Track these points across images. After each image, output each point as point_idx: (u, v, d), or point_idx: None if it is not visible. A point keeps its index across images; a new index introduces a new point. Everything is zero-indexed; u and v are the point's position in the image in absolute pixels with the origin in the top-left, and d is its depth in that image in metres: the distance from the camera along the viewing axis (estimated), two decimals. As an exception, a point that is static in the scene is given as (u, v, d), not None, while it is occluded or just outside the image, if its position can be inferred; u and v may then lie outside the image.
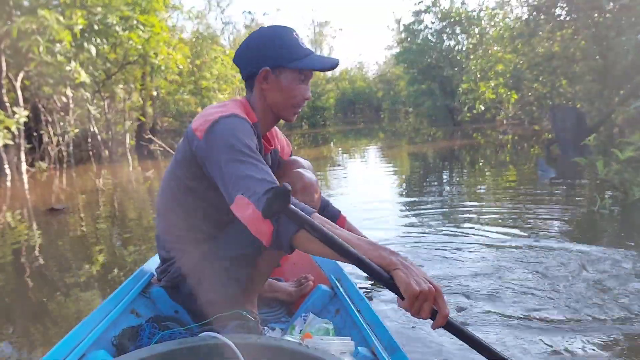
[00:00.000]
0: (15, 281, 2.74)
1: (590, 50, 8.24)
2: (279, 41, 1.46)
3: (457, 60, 16.20)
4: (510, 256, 2.41)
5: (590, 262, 2.24)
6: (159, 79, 12.54)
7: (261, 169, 1.24)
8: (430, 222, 3.25)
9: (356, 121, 28.32)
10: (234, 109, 1.40)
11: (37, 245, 3.46)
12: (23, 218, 4.58)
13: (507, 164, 6.19)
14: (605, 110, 7.72)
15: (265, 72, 1.45)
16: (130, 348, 1.28)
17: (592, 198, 3.38)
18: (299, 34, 1.52)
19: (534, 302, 1.88)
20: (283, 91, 1.48)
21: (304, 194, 1.48)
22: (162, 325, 1.37)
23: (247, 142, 1.29)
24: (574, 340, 1.60)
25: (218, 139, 1.30)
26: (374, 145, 11.43)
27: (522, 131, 11.26)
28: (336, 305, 1.62)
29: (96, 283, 2.55)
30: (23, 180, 7.74)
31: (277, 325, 1.64)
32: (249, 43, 1.49)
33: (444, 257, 2.48)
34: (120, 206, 5.00)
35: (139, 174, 7.93)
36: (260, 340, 0.95)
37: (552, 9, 9.79)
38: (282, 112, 1.51)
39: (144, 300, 1.58)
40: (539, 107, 12.65)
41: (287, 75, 1.47)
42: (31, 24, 6.82)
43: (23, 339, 1.92)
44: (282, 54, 1.45)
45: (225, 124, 1.32)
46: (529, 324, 1.72)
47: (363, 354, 1.25)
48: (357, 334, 1.38)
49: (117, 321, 1.40)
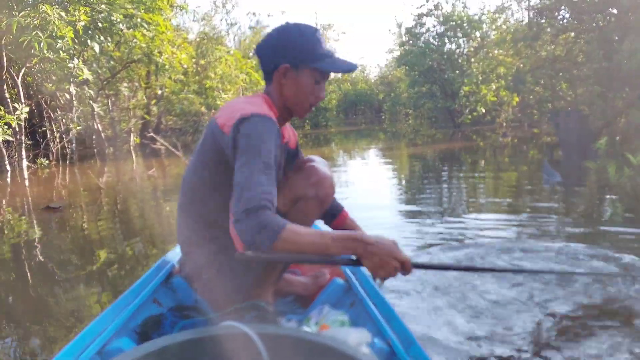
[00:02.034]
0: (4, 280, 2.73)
1: (594, 54, 8.22)
2: (302, 39, 1.47)
3: (458, 63, 16.20)
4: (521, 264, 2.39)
5: (603, 266, 2.23)
6: (163, 77, 12.52)
7: (267, 185, 1.27)
8: (431, 226, 3.23)
9: (357, 122, 28.33)
10: (262, 107, 1.41)
11: (28, 246, 3.41)
12: (17, 216, 4.51)
13: (509, 166, 6.18)
14: (610, 113, 7.70)
15: (284, 69, 1.47)
16: (152, 336, 1.30)
17: (603, 203, 3.35)
18: (322, 34, 1.53)
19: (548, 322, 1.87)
20: (300, 89, 1.49)
21: (318, 188, 1.50)
22: (183, 314, 1.40)
23: (273, 149, 1.33)
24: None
25: (247, 137, 1.33)
26: (375, 146, 11.43)
27: (522, 134, 11.26)
28: (351, 298, 1.64)
29: (91, 283, 2.53)
30: (24, 176, 7.72)
31: (293, 317, 1.66)
32: (272, 37, 1.50)
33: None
34: (121, 205, 4.98)
35: (142, 172, 7.91)
36: (280, 330, 0.97)
37: (555, 12, 9.78)
38: (296, 108, 1.53)
39: (165, 290, 1.62)
40: (540, 110, 12.65)
41: (307, 74, 1.48)
42: (32, 19, 6.79)
43: (42, 333, 1.91)
44: (304, 52, 1.46)
45: (257, 123, 1.35)
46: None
47: (379, 345, 1.26)
48: (373, 327, 1.39)
49: (139, 310, 1.43)
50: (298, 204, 1.51)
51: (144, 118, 13.18)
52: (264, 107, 1.42)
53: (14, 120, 7.73)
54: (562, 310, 1.78)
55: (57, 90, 9.83)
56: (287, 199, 1.50)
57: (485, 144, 9.71)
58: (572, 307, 1.80)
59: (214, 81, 13.29)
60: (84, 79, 8.36)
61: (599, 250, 2.40)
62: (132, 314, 1.38)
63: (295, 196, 1.50)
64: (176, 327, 1.33)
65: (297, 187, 1.51)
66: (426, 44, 16.42)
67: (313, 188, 1.49)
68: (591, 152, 6.31)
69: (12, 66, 8.64)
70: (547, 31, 10.01)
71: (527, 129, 12.45)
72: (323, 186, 1.51)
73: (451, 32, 16.09)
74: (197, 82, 13.44)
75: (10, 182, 7.12)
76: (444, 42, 16.29)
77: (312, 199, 1.50)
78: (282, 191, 1.48)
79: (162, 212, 4.34)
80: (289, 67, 1.47)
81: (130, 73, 12.22)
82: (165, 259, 1.78)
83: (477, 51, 16.09)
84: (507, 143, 9.46)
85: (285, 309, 1.76)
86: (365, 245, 1.20)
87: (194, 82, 13.36)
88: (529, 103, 12.67)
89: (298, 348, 0.93)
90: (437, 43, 16.31)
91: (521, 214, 3.34)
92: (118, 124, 12.09)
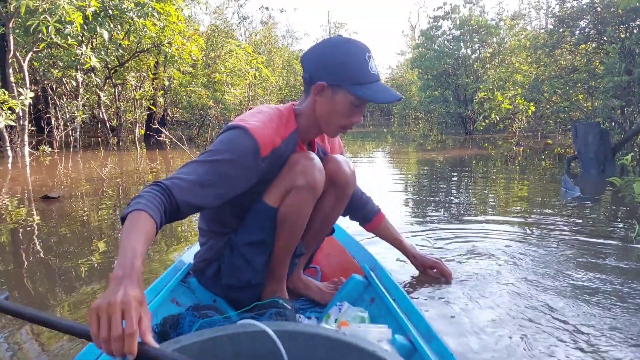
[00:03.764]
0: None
1: (614, 66, 7.98)
2: (348, 59, 1.41)
3: (473, 68, 15.94)
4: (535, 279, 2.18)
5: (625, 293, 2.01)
6: (172, 69, 12.35)
7: (194, 175, 1.28)
8: (438, 238, 3.01)
9: (365, 124, 28.13)
10: (260, 121, 1.40)
11: (21, 237, 3.25)
12: (14, 204, 4.34)
13: (525, 178, 5.95)
14: (629, 127, 7.46)
15: (321, 86, 1.43)
16: (171, 335, 1.32)
17: (628, 223, 3.15)
18: (372, 56, 1.46)
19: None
20: (333, 110, 1.45)
21: (305, 175, 1.47)
22: (201, 313, 1.42)
23: (223, 153, 1.32)
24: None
25: (217, 143, 1.37)
26: (382, 149, 11.23)
27: (534, 144, 11.02)
28: (371, 294, 1.65)
29: (89, 277, 2.34)
30: (25, 163, 7.57)
31: (313, 314, 1.67)
32: (317, 49, 1.46)
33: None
34: (122, 197, 4.79)
35: (146, 164, 7.75)
36: (298, 327, 0.96)
37: (577, 21, 9.54)
38: (326, 127, 1.51)
39: (183, 290, 1.65)
40: (555, 121, 12.40)
41: (343, 96, 1.43)
42: (42, 2, 6.62)
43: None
44: (346, 74, 1.41)
45: (229, 135, 1.36)
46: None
47: (400, 342, 1.25)
48: (393, 322, 1.39)
49: (158, 310, 1.45)
50: (289, 195, 1.48)
51: (150, 109, 13.02)
52: (266, 123, 1.40)
53: (17, 105, 7.57)
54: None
55: (63, 77, 9.67)
56: (277, 194, 1.49)
57: (497, 152, 9.48)
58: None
59: (223, 75, 13.10)
60: (91, 66, 8.20)
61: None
62: (151, 314, 1.30)
63: (285, 189, 1.48)
64: (195, 326, 1.33)
65: (283, 179, 1.48)
66: (441, 47, 16.16)
67: (300, 176, 1.45)
68: (612, 167, 6.06)
69: (18, 50, 8.48)
70: (567, 40, 9.76)
71: (539, 139, 12.20)
72: (310, 172, 1.45)
73: (467, 36, 15.82)
74: (206, 75, 13.27)
75: (10, 168, 6.97)
76: (459, 46, 16.02)
77: (301, 187, 1.45)
78: (271, 188, 1.49)
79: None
80: (325, 85, 1.42)
81: (139, 63, 12.06)
82: (183, 259, 1.80)
83: (493, 57, 15.83)
84: (519, 153, 9.23)
85: (303, 306, 1.76)
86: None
87: (202, 74, 13.18)
88: (545, 113, 12.41)
89: (318, 345, 0.93)
90: (452, 47, 16.05)
91: (535, 228, 3.12)
92: (124, 114, 11.93)
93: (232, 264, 1.53)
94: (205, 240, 1.61)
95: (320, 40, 1.52)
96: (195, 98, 12.87)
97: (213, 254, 1.58)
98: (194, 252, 1.73)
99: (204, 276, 1.62)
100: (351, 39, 1.47)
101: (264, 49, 21.83)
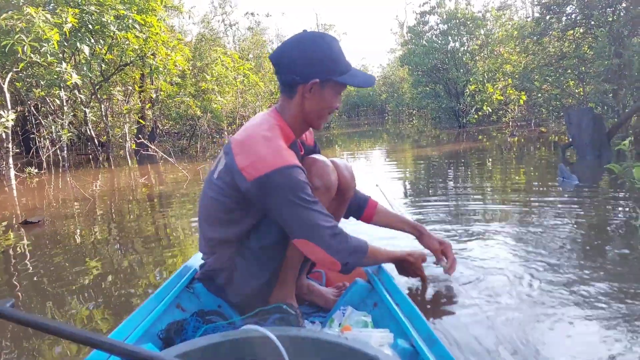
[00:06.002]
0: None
1: (603, 50, 7.87)
2: (330, 52, 1.45)
3: (462, 61, 15.85)
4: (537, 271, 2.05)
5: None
6: (158, 80, 12.20)
7: (324, 216, 1.39)
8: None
9: (360, 123, 28.05)
10: (280, 148, 1.40)
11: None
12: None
13: (521, 168, 5.83)
14: (622, 111, 7.35)
15: (312, 84, 1.44)
16: (176, 341, 1.32)
17: (629, 210, 3.03)
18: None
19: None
20: (322, 102, 1.48)
21: (321, 177, 1.53)
22: (206, 319, 1.43)
23: (307, 190, 1.39)
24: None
25: (279, 189, 1.35)
26: (378, 147, 11.12)
27: (528, 133, 10.92)
28: (374, 299, 1.66)
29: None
30: (12, 186, 7.40)
31: (317, 319, 1.68)
32: (296, 50, 1.44)
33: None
34: (110, 217, 4.63)
35: (137, 180, 7.59)
36: (301, 332, 0.97)
37: (563, 7, 9.44)
38: (314, 121, 1.53)
39: (188, 295, 1.65)
40: (548, 109, 12.30)
41: (332, 87, 1.47)
42: (16, 21, 6.47)
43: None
44: (334, 66, 1.45)
45: (284, 176, 1.35)
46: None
47: (402, 346, 1.26)
48: (396, 327, 1.40)
49: (163, 315, 1.46)
50: None
51: (139, 122, 12.86)
52: (281, 147, 1.40)
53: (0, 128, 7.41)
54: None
55: (46, 96, 9.51)
56: None
57: (492, 143, 9.36)
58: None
59: (210, 83, 12.96)
60: (73, 83, 8.05)
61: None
62: (155, 320, 1.41)
63: None
64: (199, 331, 1.35)
65: None
66: (429, 42, 16.07)
67: (316, 178, 1.50)
68: (608, 152, 5.94)
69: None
70: (554, 27, 9.66)
71: (533, 127, 12.11)
72: (326, 174, 1.52)
73: (454, 30, 15.73)
74: (194, 84, 13.13)
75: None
76: (447, 40, 15.93)
77: (317, 189, 1.50)
78: None
79: (157, 224, 3.97)
80: (317, 82, 1.44)
81: (124, 77, 11.91)
82: (188, 265, 1.80)
83: (481, 49, 15.74)
84: (514, 142, 9.12)
85: (308, 310, 1.77)
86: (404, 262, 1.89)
87: (190, 84, 13.05)
88: (537, 101, 12.31)
89: (320, 350, 0.94)
90: (441, 41, 15.96)
91: (536, 218, 3.00)
92: (112, 130, 11.78)
93: (246, 270, 1.53)
94: (214, 250, 1.59)
95: (288, 41, 1.47)
96: (185, 108, 12.73)
97: (223, 263, 1.57)
98: (199, 258, 1.74)
99: (213, 283, 1.61)
100: (319, 32, 1.49)
101: (252, 55, 21.70)
